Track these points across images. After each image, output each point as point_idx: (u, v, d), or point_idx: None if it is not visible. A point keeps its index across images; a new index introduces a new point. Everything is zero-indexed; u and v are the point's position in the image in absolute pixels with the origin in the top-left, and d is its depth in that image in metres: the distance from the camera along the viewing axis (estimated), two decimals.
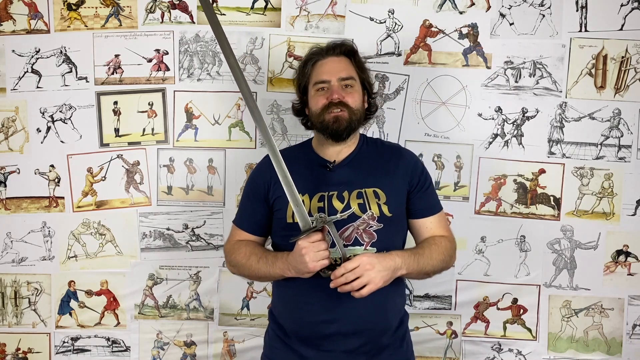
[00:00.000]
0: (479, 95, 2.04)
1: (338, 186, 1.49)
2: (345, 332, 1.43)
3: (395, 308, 1.53)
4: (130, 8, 2.04)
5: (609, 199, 2.05)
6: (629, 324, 2.09)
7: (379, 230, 1.46)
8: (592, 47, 2.01)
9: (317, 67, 1.55)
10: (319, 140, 1.58)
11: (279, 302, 1.57)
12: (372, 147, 1.60)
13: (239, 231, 1.60)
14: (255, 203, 1.57)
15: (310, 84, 1.55)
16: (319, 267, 1.35)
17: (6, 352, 2.13)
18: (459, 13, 2.02)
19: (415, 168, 1.57)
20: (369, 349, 1.46)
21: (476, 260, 2.08)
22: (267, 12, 2.04)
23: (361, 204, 1.46)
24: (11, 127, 2.07)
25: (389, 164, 1.55)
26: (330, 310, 1.43)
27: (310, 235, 1.36)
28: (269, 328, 1.61)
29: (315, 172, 1.53)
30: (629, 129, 2.03)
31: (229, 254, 1.59)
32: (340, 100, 1.49)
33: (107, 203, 2.09)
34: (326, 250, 1.35)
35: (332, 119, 1.48)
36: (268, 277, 1.52)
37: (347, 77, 1.52)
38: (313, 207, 1.46)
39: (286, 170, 1.40)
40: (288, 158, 1.43)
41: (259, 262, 1.49)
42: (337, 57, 1.55)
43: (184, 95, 2.07)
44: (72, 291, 2.11)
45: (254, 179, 1.61)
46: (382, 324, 1.47)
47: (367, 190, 1.48)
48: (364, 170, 1.52)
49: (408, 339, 1.58)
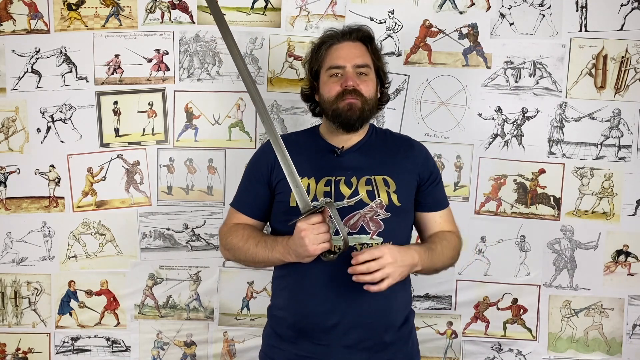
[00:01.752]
0: (479, 95, 2.04)
1: (346, 171, 1.43)
2: (346, 325, 1.37)
3: (401, 304, 1.46)
4: (130, 8, 2.04)
5: (609, 199, 2.05)
6: (629, 324, 2.09)
7: (386, 220, 1.40)
8: (592, 47, 2.01)
9: (331, 51, 1.48)
10: (328, 128, 1.52)
11: (277, 295, 1.52)
12: (381, 136, 1.55)
13: (237, 214, 1.53)
14: (256, 186, 1.51)
15: (324, 69, 1.48)
16: (319, 251, 1.29)
17: (6, 352, 2.13)
18: (459, 13, 2.02)
19: (426, 161, 1.53)
20: (370, 345, 1.40)
21: (476, 260, 2.08)
22: (267, 12, 2.04)
23: (370, 190, 1.41)
24: (11, 127, 2.07)
25: (399, 153, 1.50)
26: (331, 302, 1.37)
27: (310, 217, 1.29)
28: (267, 325, 1.56)
29: (322, 156, 1.48)
30: (629, 129, 2.03)
31: (225, 237, 1.51)
32: (355, 88, 1.43)
33: (107, 203, 2.09)
34: (327, 233, 1.29)
35: (345, 107, 1.42)
36: (266, 262, 1.45)
37: (362, 65, 1.46)
38: (319, 191, 1.41)
39: (285, 150, 1.34)
40: (293, 142, 1.37)
41: (257, 245, 1.42)
42: (353, 42, 1.48)
43: (184, 95, 2.07)
44: (72, 291, 2.11)
45: (256, 161, 1.55)
46: (386, 320, 1.41)
47: (377, 177, 1.43)
48: (374, 158, 1.47)
49: (414, 337, 1.52)
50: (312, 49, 1.55)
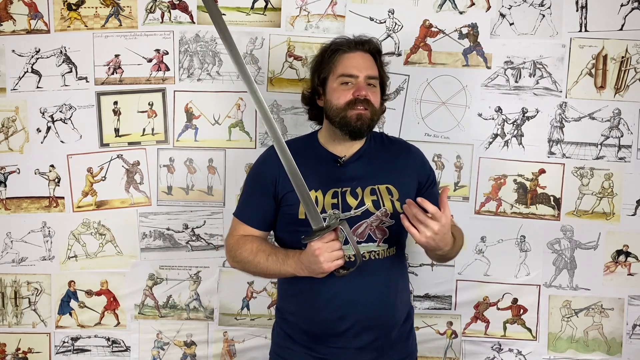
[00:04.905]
0: (479, 95, 2.04)
1: (351, 182, 1.47)
2: (357, 329, 1.43)
3: (403, 302, 1.54)
4: (130, 8, 2.04)
5: (609, 199, 2.05)
6: (629, 324, 2.09)
7: (390, 227, 1.46)
8: (592, 47, 2.01)
9: (344, 60, 1.49)
10: (330, 135, 1.53)
11: (289, 300, 1.54)
12: (379, 142, 1.59)
13: (242, 225, 1.54)
14: (261, 197, 1.52)
15: (334, 75, 1.49)
16: (333, 268, 1.34)
17: (6, 352, 2.13)
18: (459, 13, 2.02)
19: (422, 165, 1.60)
20: (379, 345, 1.46)
21: (476, 260, 2.08)
22: (267, 12, 2.04)
23: (375, 200, 1.45)
24: (11, 127, 2.07)
25: (398, 160, 1.56)
26: (342, 308, 1.42)
27: (324, 236, 1.33)
28: (276, 325, 1.59)
29: (326, 167, 1.50)
30: (629, 129, 2.03)
31: (233, 250, 1.53)
32: (366, 97, 1.46)
33: (107, 203, 2.09)
34: (340, 250, 1.34)
35: (355, 117, 1.44)
36: (277, 275, 1.49)
37: (373, 76, 1.50)
38: (327, 203, 1.44)
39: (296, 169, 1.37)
40: (294, 152, 1.39)
41: (267, 259, 1.45)
42: (365, 53, 1.51)
43: (184, 95, 2.07)
44: (72, 291, 2.11)
45: (260, 172, 1.55)
46: (392, 319, 1.48)
47: (381, 186, 1.48)
48: (375, 166, 1.51)
49: (413, 332, 1.59)
50: (321, 53, 1.55)
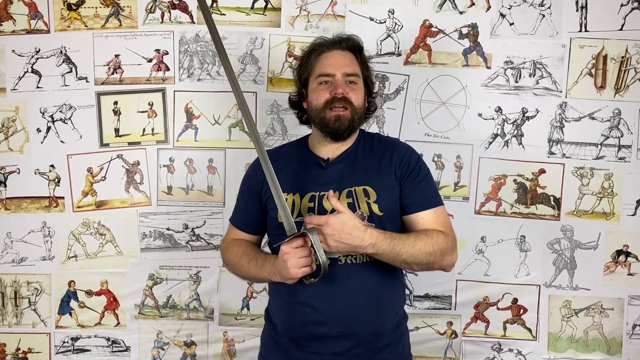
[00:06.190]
0: (479, 95, 2.04)
1: (329, 185, 1.41)
2: (334, 335, 1.38)
3: (391, 311, 1.45)
4: (130, 8, 2.04)
5: (609, 199, 2.05)
6: (629, 324, 2.09)
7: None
8: (592, 47, 2.01)
9: (321, 59, 1.48)
10: (316, 138, 1.52)
11: (272, 301, 1.54)
12: (369, 143, 1.53)
13: (235, 230, 1.59)
14: (249, 202, 1.55)
15: (313, 76, 1.49)
16: (300, 274, 1.30)
17: (6, 352, 2.13)
18: (459, 13, 2.02)
19: (407, 158, 1.47)
20: (360, 352, 1.40)
21: (476, 260, 2.08)
22: (267, 12, 2.04)
23: (350, 203, 1.40)
24: (11, 127, 2.07)
25: (383, 159, 1.47)
26: (319, 312, 1.38)
27: (292, 241, 1.31)
28: (264, 327, 1.58)
29: (307, 170, 1.48)
30: (629, 129, 2.03)
31: (224, 253, 1.58)
32: (344, 96, 1.43)
33: (107, 203, 2.09)
34: (308, 257, 1.30)
35: (333, 118, 1.42)
36: (258, 280, 1.51)
37: (352, 73, 1.46)
38: (304, 207, 1.42)
39: (273, 174, 1.37)
40: (283, 156, 1.39)
41: (249, 263, 1.47)
42: (342, 51, 1.49)
43: (184, 95, 2.07)
44: (72, 291, 2.11)
45: (249, 178, 1.58)
46: (375, 328, 1.40)
47: (357, 188, 1.42)
48: (357, 167, 1.46)
49: (405, 340, 1.51)
50: (302, 56, 1.56)
